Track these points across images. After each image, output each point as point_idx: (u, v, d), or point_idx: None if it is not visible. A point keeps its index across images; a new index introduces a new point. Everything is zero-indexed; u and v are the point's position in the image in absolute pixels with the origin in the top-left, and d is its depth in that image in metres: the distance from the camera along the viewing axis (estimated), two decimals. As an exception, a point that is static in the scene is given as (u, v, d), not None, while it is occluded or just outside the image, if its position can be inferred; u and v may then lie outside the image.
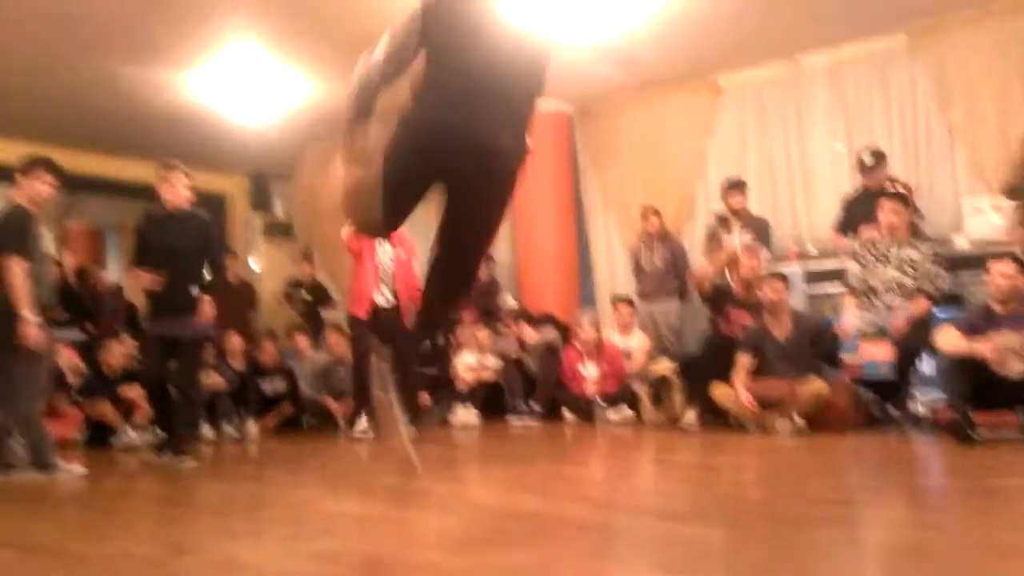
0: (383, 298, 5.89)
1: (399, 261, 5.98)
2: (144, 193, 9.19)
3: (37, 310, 4.42)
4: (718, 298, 5.77)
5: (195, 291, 4.94)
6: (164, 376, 5.00)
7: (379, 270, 5.91)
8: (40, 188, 4.59)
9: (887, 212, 4.95)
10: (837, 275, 5.34)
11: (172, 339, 4.91)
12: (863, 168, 5.66)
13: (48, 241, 4.79)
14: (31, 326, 4.35)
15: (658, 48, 6.27)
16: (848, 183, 6.56)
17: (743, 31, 6.22)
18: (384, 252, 5.94)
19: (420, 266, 6.33)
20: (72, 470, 4.53)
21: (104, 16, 5.45)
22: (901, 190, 5.02)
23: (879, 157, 5.66)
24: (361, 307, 5.89)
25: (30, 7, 5.26)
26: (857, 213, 5.42)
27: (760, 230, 6.21)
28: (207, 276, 5.07)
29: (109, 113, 7.26)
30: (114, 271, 11.04)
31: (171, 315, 4.84)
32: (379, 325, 5.91)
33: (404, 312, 5.87)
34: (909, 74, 6.38)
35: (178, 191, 4.91)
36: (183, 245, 4.90)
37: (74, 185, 8.53)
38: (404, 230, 6.14)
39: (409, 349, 5.86)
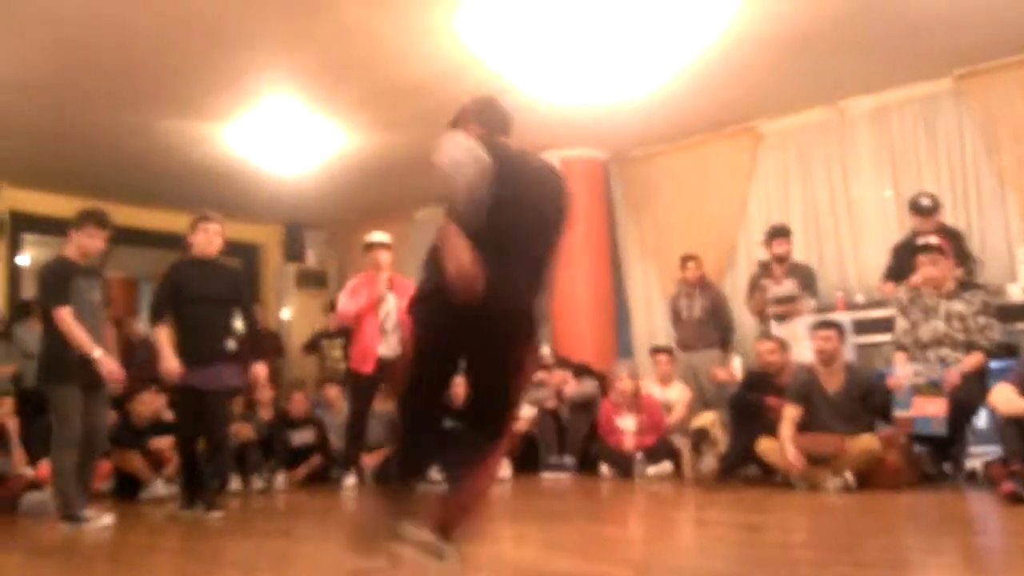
0: (389, 348, 5.82)
1: (401, 309, 5.93)
2: (178, 243, 9.34)
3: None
4: (756, 385, 5.49)
5: (231, 344, 4.98)
6: (196, 428, 4.96)
7: (382, 322, 5.84)
8: (87, 242, 4.78)
9: (924, 265, 4.79)
10: (886, 325, 5.16)
11: (204, 391, 4.85)
12: (920, 211, 5.51)
13: (97, 292, 4.84)
14: (106, 361, 4.55)
15: (696, 95, 6.22)
16: (896, 230, 6.40)
17: (784, 77, 6.15)
18: (386, 302, 5.89)
19: None
20: (100, 520, 4.51)
21: (142, 70, 5.54)
22: (935, 241, 4.85)
23: (934, 200, 5.54)
24: (366, 363, 5.81)
25: (69, 62, 5.36)
26: (907, 260, 5.24)
27: (805, 278, 6.05)
28: (239, 327, 5.11)
29: (145, 165, 7.36)
30: (146, 321, 11.14)
31: (202, 365, 4.81)
32: (384, 376, 5.83)
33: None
34: (956, 119, 6.26)
35: (211, 240, 5.00)
36: (215, 293, 4.94)
37: (110, 236, 8.70)
38: (404, 278, 6.20)
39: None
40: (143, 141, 6.78)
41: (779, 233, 6.13)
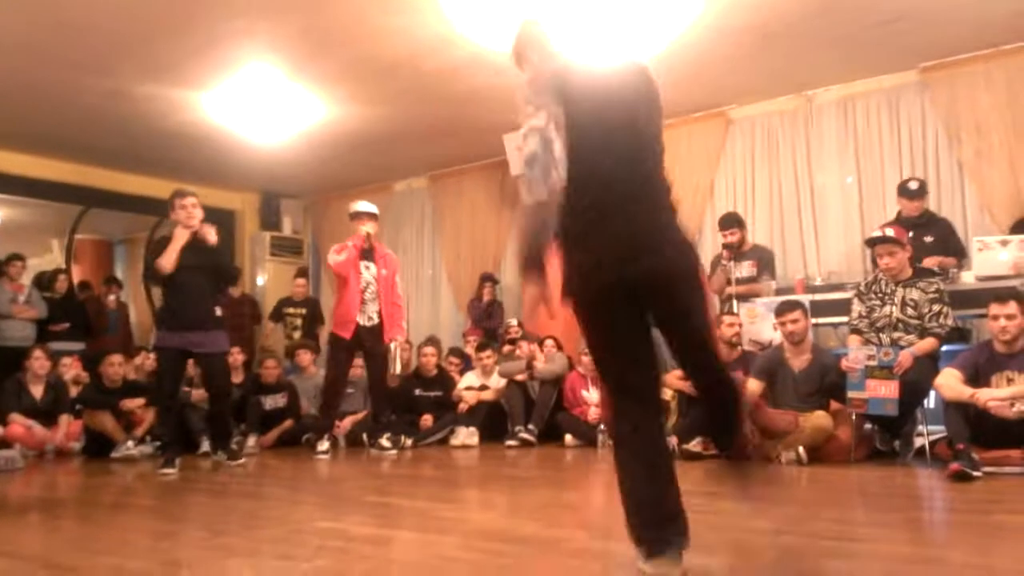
0: (365, 317, 5.96)
1: (382, 279, 6.03)
2: (153, 207, 9.32)
3: None
4: None
5: (218, 310, 5.40)
6: (177, 388, 5.41)
7: (364, 291, 5.95)
8: None
9: (882, 255, 4.96)
10: (843, 307, 5.32)
11: (187, 352, 5.25)
12: (908, 194, 5.71)
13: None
14: None
15: (670, 79, 6.27)
16: (856, 217, 6.59)
17: (755, 65, 6.27)
18: (368, 271, 5.98)
19: (402, 282, 6.44)
20: None
21: (121, 35, 5.52)
22: (891, 232, 5.02)
23: (922, 184, 5.76)
24: (346, 328, 5.95)
25: (47, 24, 5.33)
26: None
27: (764, 260, 6.22)
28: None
29: (122, 129, 7.32)
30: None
31: (186, 330, 5.16)
32: (360, 344, 5.95)
33: (385, 328, 5.92)
34: (919, 111, 6.42)
35: (191, 213, 5.27)
36: (200, 263, 5.24)
37: (84, 198, 8.69)
38: (389, 250, 6.30)
39: (384, 365, 5.97)
40: (121, 105, 6.75)
41: (726, 224, 6.29)
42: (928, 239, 5.60)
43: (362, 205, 6.22)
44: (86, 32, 5.45)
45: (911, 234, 5.45)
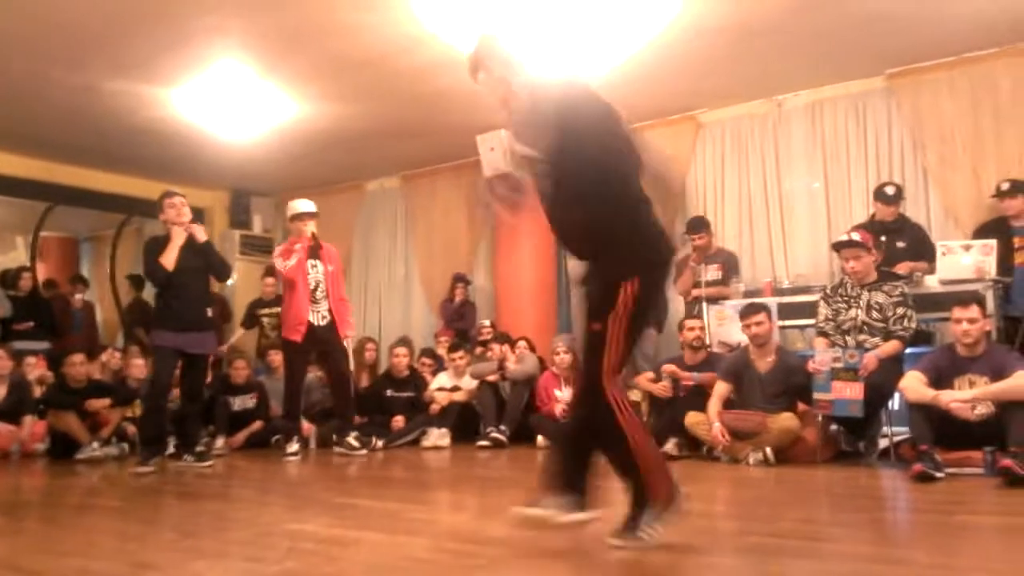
0: (318, 316, 5.94)
1: (329, 275, 6.01)
2: (120, 204, 9.19)
3: None
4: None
5: (209, 311, 5.54)
6: (170, 387, 5.54)
7: (315, 291, 5.94)
8: None
9: (847, 259, 5.05)
10: (809, 310, 5.40)
11: (182, 352, 5.36)
12: (884, 199, 5.81)
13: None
14: None
15: (642, 83, 6.35)
16: (823, 220, 6.68)
17: (725, 71, 6.34)
18: (315, 270, 5.96)
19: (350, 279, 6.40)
20: None
21: (90, 31, 5.45)
22: (857, 237, 5.11)
23: (898, 189, 5.88)
24: (296, 331, 5.92)
25: (16, 17, 5.24)
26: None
27: (728, 263, 6.31)
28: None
29: (91, 125, 7.22)
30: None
31: (185, 330, 5.31)
32: (315, 343, 5.92)
33: (338, 325, 5.91)
34: (885, 116, 6.54)
35: (181, 212, 5.42)
36: (194, 266, 5.38)
37: (51, 195, 8.54)
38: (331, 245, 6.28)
39: (344, 361, 5.98)
40: (90, 101, 6.65)
41: (694, 228, 6.38)
42: (900, 244, 5.70)
43: (302, 204, 6.17)
44: (56, 26, 5.37)
45: (884, 239, 5.56)
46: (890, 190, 5.87)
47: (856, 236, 5.10)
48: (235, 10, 5.23)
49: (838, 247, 5.24)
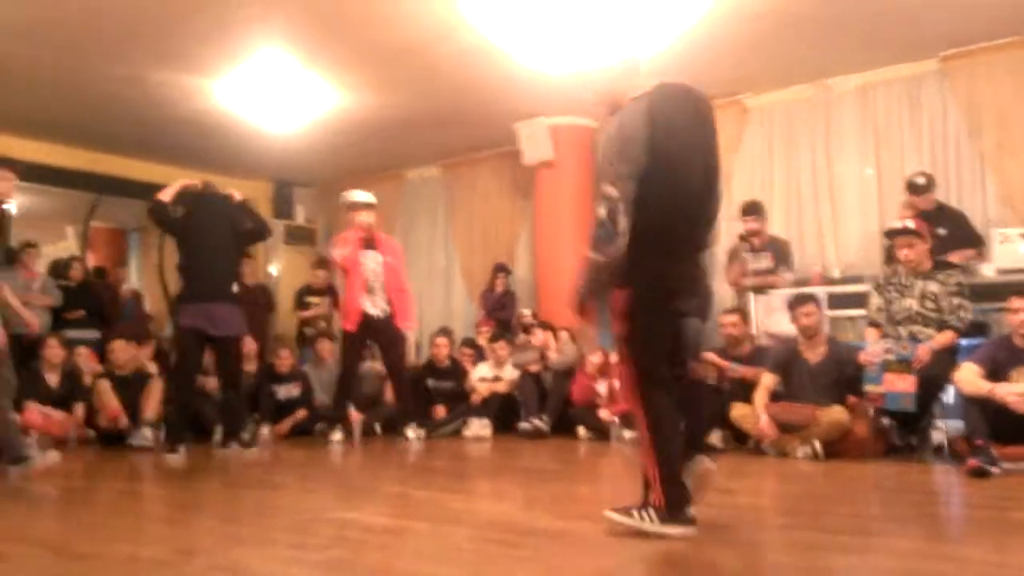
0: (373, 307, 5.91)
1: (388, 267, 5.99)
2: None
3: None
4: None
5: (234, 286, 5.45)
6: (197, 370, 5.54)
7: (368, 280, 5.91)
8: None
9: (902, 247, 4.90)
10: (860, 300, 5.27)
11: (207, 336, 5.30)
12: (915, 189, 5.65)
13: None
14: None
15: (686, 67, 6.22)
16: (875, 208, 6.51)
17: (772, 54, 6.20)
18: (373, 259, 5.95)
19: (410, 271, 6.37)
20: (47, 457, 4.58)
21: (134, 22, 5.50)
22: (911, 224, 4.96)
23: (929, 179, 5.69)
24: (350, 320, 5.93)
25: (61, 9, 5.31)
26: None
27: (780, 252, 6.15)
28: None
29: (136, 116, 7.32)
30: (134, 273, 11.14)
31: (208, 300, 5.26)
32: (372, 334, 5.92)
33: (397, 317, 5.89)
34: (940, 100, 6.34)
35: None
36: (215, 231, 5.35)
37: (96, 185, 8.70)
38: (390, 237, 6.25)
39: (402, 353, 5.95)
40: (134, 92, 6.74)
41: (750, 211, 6.22)
42: (941, 231, 5.53)
43: (358, 195, 6.14)
44: (98, 17, 5.43)
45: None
46: (920, 180, 5.68)
47: (910, 223, 4.95)
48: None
49: (891, 235, 5.10)
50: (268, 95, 6.71)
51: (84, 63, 6.19)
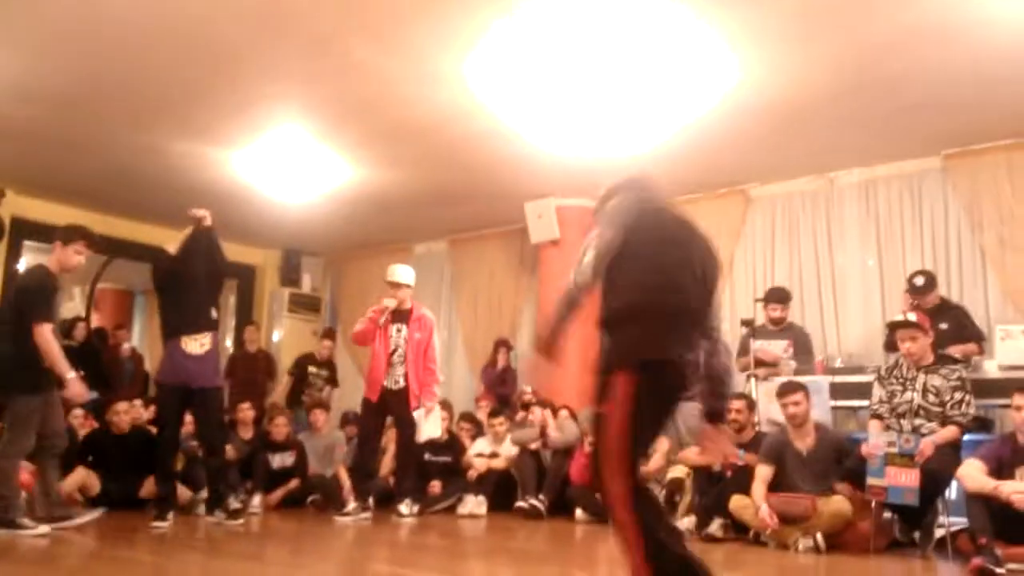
0: (392, 380, 5.95)
1: (412, 341, 6.01)
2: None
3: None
4: None
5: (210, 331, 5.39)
6: (178, 429, 5.44)
7: (393, 355, 5.95)
8: (73, 258, 4.92)
9: (904, 340, 4.91)
10: (863, 390, 5.25)
11: (187, 390, 5.24)
12: (914, 291, 5.67)
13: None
14: (75, 383, 4.70)
15: (692, 155, 6.38)
16: (877, 298, 6.55)
17: (777, 145, 6.34)
18: (400, 335, 5.99)
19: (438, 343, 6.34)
20: (36, 528, 4.52)
21: (157, 91, 5.67)
22: (913, 317, 4.98)
23: (929, 279, 5.69)
24: (372, 391, 5.98)
25: (88, 80, 5.49)
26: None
27: (800, 340, 6.16)
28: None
29: (152, 182, 7.48)
30: (138, 334, 11.16)
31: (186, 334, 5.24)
32: (386, 406, 5.92)
33: (411, 393, 5.89)
34: (942, 197, 6.44)
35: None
36: (193, 268, 5.39)
37: (112, 249, 8.80)
38: (424, 309, 6.27)
39: (411, 430, 5.91)
40: (152, 160, 6.90)
41: (775, 298, 6.24)
42: (943, 326, 5.54)
43: (398, 274, 6.14)
44: (123, 87, 5.60)
45: (928, 320, 5.41)
46: (919, 281, 5.67)
47: (912, 316, 4.97)
48: (299, 79, 5.41)
49: (894, 327, 5.11)
50: (283, 167, 6.87)
51: (109, 131, 6.37)
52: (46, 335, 4.63)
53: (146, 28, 4.76)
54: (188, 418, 5.71)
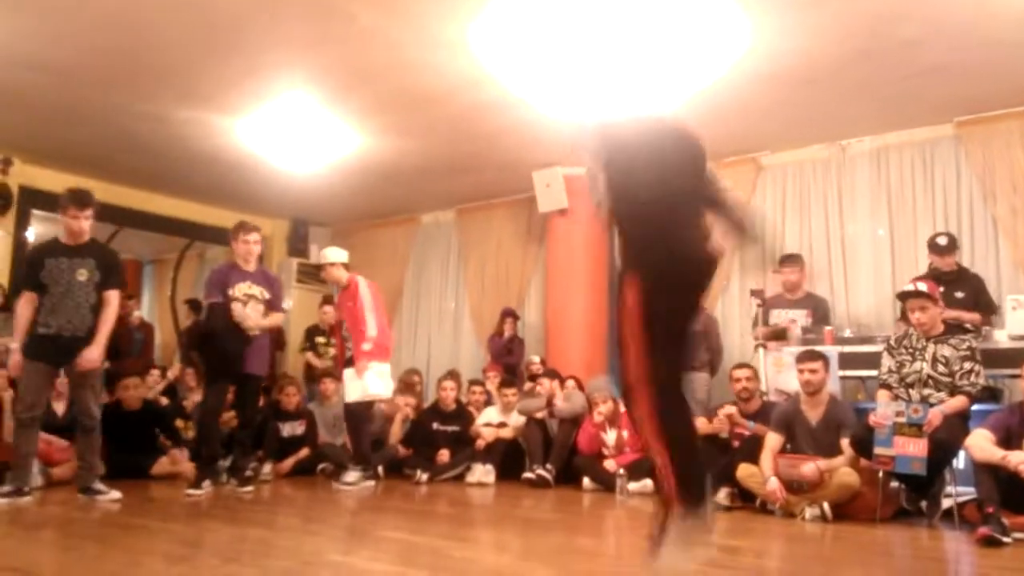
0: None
1: (347, 312, 6.17)
2: (183, 229, 9.44)
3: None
4: None
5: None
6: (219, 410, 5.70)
7: (342, 332, 6.24)
8: (70, 223, 5.03)
9: (913, 310, 4.89)
10: (872, 360, 5.24)
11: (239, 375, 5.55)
12: (937, 249, 5.67)
13: (85, 272, 4.99)
14: (15, 355, 4.82)
15: (703, 123, 6.27)
16: (887, 268, 6.51)
17: (787, 114, 6.28)
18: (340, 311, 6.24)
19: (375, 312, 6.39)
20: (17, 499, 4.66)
21: (164, 63, 5.65)
22: (923, 287, 4.95)
23: (951, 239, 5.71)
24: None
25: (93, 49, 5.46)
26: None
27: (819, 308, 6.15)
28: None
29: (159, 151, 7.46)
30: (147, 304, 11.20)
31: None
32: None
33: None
34: (954, 165, 6.38)
35: (251, 251, 5.65)
36: (249, 295, 5.59)
37: (118, 217, 8.81)
38: (358, 277, 6.30)
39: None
40: (159, 128, 6.87)
41: (788, 261, 6.24)
42: (959, 295, 5.52)
43: (323, 256, 6.35)
44: (129, 55, 5.57)
45: (942, 289, 5.37)
46: (942, 240, 5.71)
47: (923, 286, 4.94)
48: (304, 45, 5.36)
49: (903, 297, 5.09)
50: (290, 136, 6.83)
51: (113, 100, 6.34)
52: (20, 302, 4.89)
53: (151, -5, 4.72)
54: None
